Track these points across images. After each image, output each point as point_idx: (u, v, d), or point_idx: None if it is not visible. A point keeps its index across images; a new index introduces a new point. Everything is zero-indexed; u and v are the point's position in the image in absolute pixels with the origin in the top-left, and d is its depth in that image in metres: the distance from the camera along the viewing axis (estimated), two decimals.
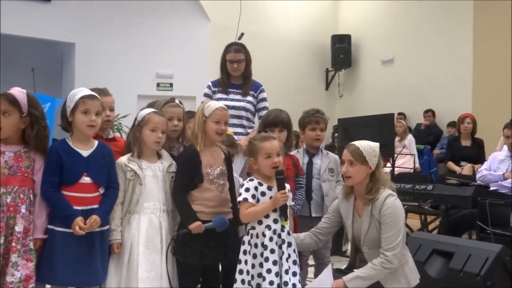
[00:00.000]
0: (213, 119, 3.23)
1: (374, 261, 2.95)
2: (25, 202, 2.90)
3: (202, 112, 3.26)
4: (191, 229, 3.08)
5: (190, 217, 3.11)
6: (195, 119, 3.28)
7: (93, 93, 3.09)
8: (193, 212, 3.13)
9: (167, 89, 10.55)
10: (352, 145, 3.13)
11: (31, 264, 2.86)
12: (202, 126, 3.24)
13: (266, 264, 2.91)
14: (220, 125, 3.25)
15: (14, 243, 2.81)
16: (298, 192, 3.72)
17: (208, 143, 3.27)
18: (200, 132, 3.23)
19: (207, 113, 3.24)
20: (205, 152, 3.24)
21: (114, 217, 3.11)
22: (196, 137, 3.23)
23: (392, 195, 3.03)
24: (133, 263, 3.08)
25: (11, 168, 2.89)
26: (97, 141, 3.16)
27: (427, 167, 8.84)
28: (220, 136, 3.30)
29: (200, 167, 3.19)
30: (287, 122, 3.77)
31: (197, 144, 3.22)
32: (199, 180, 3.18)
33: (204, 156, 3.22)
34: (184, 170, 3.20)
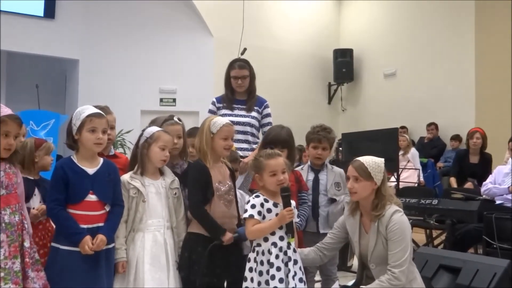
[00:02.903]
0: (221, 136, 3.24)
1: (382, 278, 2.92)
2: (25, 217, 2.92)
3: (209, 129, 3.26)
4: (224, 241, 3.10)
5: (219, 229, 3.12)
6: (201, 136, 3.27)
7: (99, 111, 3.09)
8: (219, 224, 3.14)
9: (170, 105, 10.57)
10: (357, 161, 3.12)
11: (42, 273, 2.90)
12: (210, 143, 3.24)
13: (272, 282, 2.89)
14: (228, 141, 3.27)
15: (27, 259, 2.83)
16: (301, 208, 3.70)
17: (214, 159, 3.27)
18: (208, 149, 3.23)
19: (215, 130, 3.24)
20: (213, 168, 3.24)
21: (119, 235, 3.10)
22: (205, 154, 3.23)
23: (398, 211, 3.01)
24: (139, 281, 3.06)
25: (7, 187, 2.87)
26: (102, 158, 3.15)
27: (431, 180, 8.82)
28: (228, 151, 3.32)
29: (211, 182, 3.20)
30: (287, 141, 3.75)
31: (206, 161, 3.22)
32: (210, 194, 3.19)
33: (212, 172, 3.23)
34: (197, 183, 3.18)
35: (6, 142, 2.84)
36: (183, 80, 10.57)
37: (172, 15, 10.49)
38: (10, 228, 2.80)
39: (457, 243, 5.00)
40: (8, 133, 2.85)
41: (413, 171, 8.26)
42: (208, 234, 3.15)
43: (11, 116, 2.85)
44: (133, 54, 10.32)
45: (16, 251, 2.78)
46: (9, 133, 2.85)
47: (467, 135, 6.94)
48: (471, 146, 6.83)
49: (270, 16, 11.70)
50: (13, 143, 2.87)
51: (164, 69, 10.53)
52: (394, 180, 6.59)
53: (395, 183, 6.48)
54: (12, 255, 2.75)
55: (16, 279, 2.73)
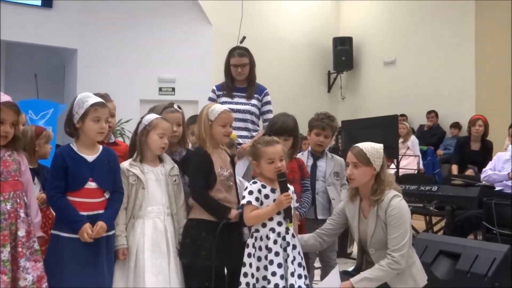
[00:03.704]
0: (219, 123, 3.25)
1: (381, 262, 2.94)
2: (22, 206, 2.90)
3: (207, 116, 3.26)
4: (231, 218, 3.12)
5: (225, 209, 3.15)
6: (200, 123, 3.28)
7: (102, 100, 3.09)
8: (223, 205, 3.16)
9: (169, 94, 10.55)
10: (356, 147, 3.13)
11: (40, 264, 2.88)
12: (209, 130, 3.25)
13: (271, 267, 2.90)
14: (226, 128, 3.28)
15: (20, 248, 2.82)
16: (304, 195, 3.71)
17: (214, 146, 3.28)
18: (207, 136, 3.24)
19: (213, 117, 3.25)
20: (214, 155, 3.25)
21: (119, 222, 3.11)
22: (204, 141, 3.24)
23: (397, 196, 3.02)
24: (140, 268, 3.08)
25: (1, 174, 2.86)
26: (101, 146, 3.16)
27: (430, 168, 8.83)
28: (227, 138, 3.33)
29: (213, 168, 3.21)
30: (294, 129, 3.75)
31: (205, 148, 3.23)
32: (213, 179, 3.20)
33: (214, 158, 3.24)
34: (199, 169, 3.20)
35: (2, 129, 2.85)
36: (182, 69, 10.55)
37: (170, 4, 10.44)
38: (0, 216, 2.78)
39: (456, 229, 5.02)
40: (4, 120, 2.85)
41: (412, 158, 8.27)
42: (213, 217, 3.16)
43: (7, 104, 2.85)
44: (132, 43, 10.28)
45: (6, 240, 2.76)
46: (4, 121, 2.85)
47: (469, 122, 6.92)
48: (472, 133, 6.81)
49: (269, 4, 11.67)
50: (9, 130, 2.86)
51: (163, 58, 10.50)
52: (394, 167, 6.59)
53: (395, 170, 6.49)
54: (1, 244, 2.73)
55: (3, 268, 2.71)
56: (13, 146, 2.94)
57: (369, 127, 6.11)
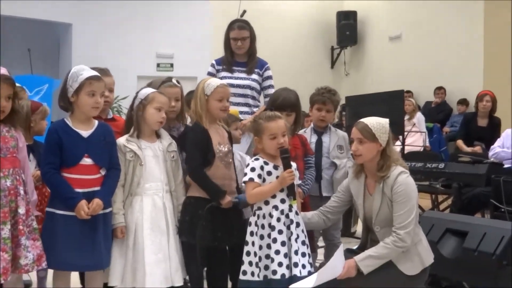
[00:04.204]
0: (215, 97, 3.23)
1: (386, 240, 2.93)
2: (21, 183, 2.88)
3: (202, 91, 3.24)
4: (223, 204, 3.12)
5: (219, 192, 3.15)
6: (196, 98, 3.26)
7: (98, 74, 3.06)
8: (219, 187, 3.16)
9: (167, 70, 10.51)
10: (360, 123, 3.10)
11: (39, 243, 2.88)
12: (205, 105, 3.23)
13: (274, 245, 2.90)
14: (223, 102, 3.25)
15: (21, 226, 2.81)
16: (307, 172, 3.70)
17: (211, 121, 3.27)
18: (203, 111, 3.22)
19: (209, 92, 3.23)
20: (211, 130, 3.24)
21: (116, 200, 3.10)
22: (200, 117, 3.23)
23: (404, 172, 3.00)
24: (139, 246, 3.08)
25: (1, 150, 2.83)
26: (97, 121, 3.13)
27: (437, 145, 8.82)
28: (225, 113, 3.32)
29: (211, 144, 3.20)
30: (296, 104, 3.73)
31: (202, 123, 3.22)
32: (211, 156, 3.19)
33: (212, 134, 3.23)
34: (197, 146, 3.19)
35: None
36: (181, 45, 10.48)
37: None
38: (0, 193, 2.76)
39: (464, 207, 5.01)
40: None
41: (418, 135, 8.25)
42: (208, 196, 3.17)
43: (1, 76, 2.80)
44: (128, 17, 10.21)
45: (6, 217, 2.74)
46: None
47: (476, 97, 6.87)
48: (480, 109, 6.76)
49: None
50: (5, 104, 2.82)
51: (160, 33, 10.43)
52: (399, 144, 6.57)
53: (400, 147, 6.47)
54: (1, 221, 2.72)
55: (4, 246, 2.70)
56: (11, 122, 2.90)
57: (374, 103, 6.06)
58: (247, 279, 2.94)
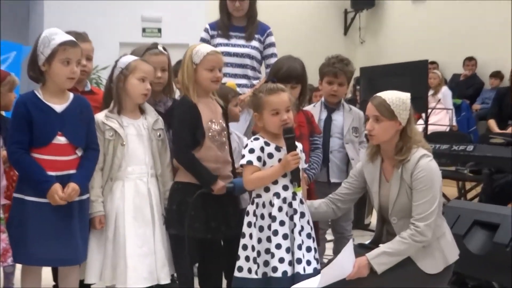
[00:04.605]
0: (205, 67, 3.21)
1: (403, 234, 2.93)
2: None
3: (190, 59, 3.23)
4: (214, 190, 3.13)
5: (210, 177, 3.15)
6: (182, 68, 3.25)
7: (73, 39, 3.04)
8: (210, 171, 3.17)
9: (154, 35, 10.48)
10: (377, 98, 3.08)
11: (4, 235, 2.90)
12: (193, 75, 3.22)
13: (275, 238, 2.90)
14: (214, 72, 3.23)
15: None
16: (314, 154, 3.70)
17: (201, 94, 3.26)
18: (191, 83, 3.21)
19: (197, 60, 3.21)
20: (201, 105, 3.23)
21: (94, 185, 3.11)
22: (187, 89, 3.22)
23: (426, 156, 3.00)
24: (120, 238, 3.10)
25: None
26: (72, 94, 3.12)
27: (465, 125, 8.82)
28: (217, 84, 3.30)
29: (201, 121, 3.20)
30: (302, 76, 3.71)
31: (189, 96, 3.21)
32: (201, 135, 3.19)
33: (202, 109, 3.22)
34: (185, 124, 3.19)
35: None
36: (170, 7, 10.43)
37: None
38: None
39: (494, 196, 5.03)
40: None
41: (444, 113, 8.25)
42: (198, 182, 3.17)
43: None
44: None
45: None
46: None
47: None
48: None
49: None
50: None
51: None
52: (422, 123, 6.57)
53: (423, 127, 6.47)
54: None
55: None
56: None
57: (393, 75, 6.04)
58: (243, 277, 2.96)
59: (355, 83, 8.46)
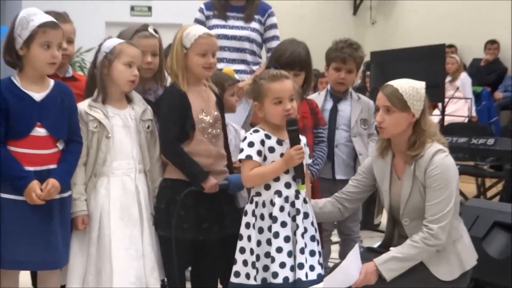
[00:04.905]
0: (197, 51, 3.21)
1: (415, 237, 2.94)
2: None
3: (180, 42, 3.22)
4: (206, 188, 3.13)
5: (200, 173, 3.15)
6: (172, 52, 3.25)
7: (54, 20, 3.04)
8: (201, 166, 3.17)
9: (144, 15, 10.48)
10: (388, 86, 3.09)
11: None
12: (183, 61, 3.22)
13: (276, 241, 2.91)
14: (207, 57, 3.23)
15: None
16: (318, 148, 3.71)
17: (193, 81, 3.26)
18: (180, 69, 3.22)
19: (188, 44, 3.21)
20: (192, 93, 3.23)
21: (76, 182, 3.11)
22: (176, 76, 3.23)
23: (442, 151, 3.00)
24: (105, 239, 3.11)
25: None
26: (53, 81, 3.12)
27: (486, 115, 8.82)
28: (210, 71, 3.30)
29: (190, 112, 3.20)
30: (306, 61, 3.72)
31: (178, 84, 3.21)
32: (190, 127, 3.19)
33: (192, 98, 3.22)
34: (172, 114, 3.19)
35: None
36: None
37: None
38: None
39: None
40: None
41: (462, 102, 8.25)
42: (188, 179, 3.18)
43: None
44: None
45: None
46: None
47: None
48: None
49: None
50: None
51: None
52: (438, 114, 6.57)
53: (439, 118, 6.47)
54: None
55: None
56: None
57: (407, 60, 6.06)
58: (241, 283, 2.97)
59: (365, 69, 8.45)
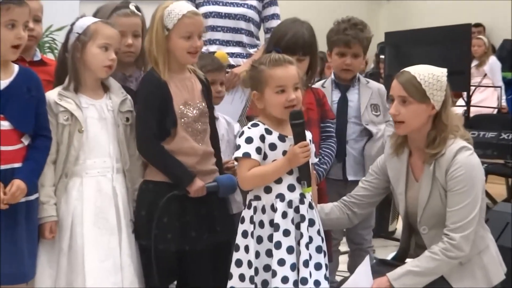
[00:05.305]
0: (181, 33, 3.18)
1: (434, 248, 2.94)
2: None
3: (161, 22, 3.19)
4: (191, 192, 3.13)
5: (184, 175, 3.15)
6: (150, 33, 3.22)
7: None
8: (185, 167, 3.16)
9: None
10: (405, 74, 3.08)
11: None
12: (164, 44, 3.19)
13: (278, 252, 2.90)
14: (192, 40, 3.20)
15: None
16: (325, 145, 3.71)
17: (175, 68, 3.25)
18: (161, 53, 3.19)
19: (170, 24, 3.18)
20: (173, 83, 3.22)
21: (45, 183, 3.10)
22: (156, 62, 3.20)
23: (466, 149, 3.00)
24: (77, 249, 3.09)
25: None
26: (17, 65, 3.11)
27: None
28: (195, 56, 3.27)
29: (171, 104, 3.19)
30: (310, 44, 3.70)
31: (158, 71, 3.19)
32: (171, 123, 3.18)
33: (173, 88, 3.21)
34: (150, 107, 3.18)
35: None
36: None
37: None
38: None
39: None
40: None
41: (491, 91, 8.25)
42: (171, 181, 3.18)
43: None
44: None
45: None
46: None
47: None
48: None
49: None
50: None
51: None
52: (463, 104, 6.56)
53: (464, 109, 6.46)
54: None
55: None
56: None
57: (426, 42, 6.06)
58: None
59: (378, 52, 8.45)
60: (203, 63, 3.54)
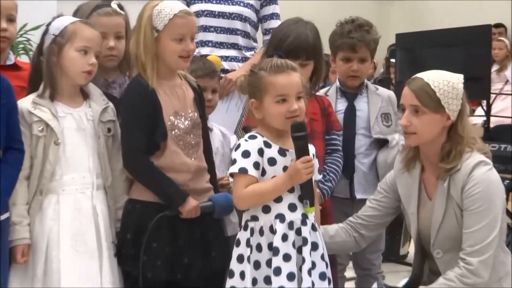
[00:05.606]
0: (172, 35, 3.18)
1: (449, 274, 2.94)
2: None
3: (149, 23, 3.18)
4: (183, 212, 3.12)
5: (176, 194, 3.14)
6: (138, 35, 3.21)
7: None
8: (176, 185, 3.15)
9: None
10: (417, 80, 3.10)
11: None
12: (153, 47, 3.19)
13: (277, 279, 2.89)
14: (185, 43, 3.20)
15: None
16: (330, 160, 3.72)
17: (165, 75, 3.25)
18: (149, 58, 3.18)
19: (160, 25, 3.17)
20: (162, 90, 3.22)
21: (16, 201, 3.09)
22: (143, 67, 3.19)
23: (484, 163, 3.00)
24: (52, 275, 3.08)
25: None
26: None
27: None
28: (187, 61, 3.27)
29: (161, 115, 3.18)
30: (315, 48, 3.71)
31: (146, 78, 3.18)
32: (161, 135, 3.17)
33: (163, 97, 3.21)
34: (138, 119, 3.17)
35: None
36: None
37: None
38: None
39: None
40: None
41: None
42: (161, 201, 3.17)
43: None
44: None
45: None
46: None
47: None
48: None
49: None
50: None
51: None
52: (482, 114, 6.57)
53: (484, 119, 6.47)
54: None
55: None
56: None
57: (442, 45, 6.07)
58: None
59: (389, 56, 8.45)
60: (193, 67, 3.53)
